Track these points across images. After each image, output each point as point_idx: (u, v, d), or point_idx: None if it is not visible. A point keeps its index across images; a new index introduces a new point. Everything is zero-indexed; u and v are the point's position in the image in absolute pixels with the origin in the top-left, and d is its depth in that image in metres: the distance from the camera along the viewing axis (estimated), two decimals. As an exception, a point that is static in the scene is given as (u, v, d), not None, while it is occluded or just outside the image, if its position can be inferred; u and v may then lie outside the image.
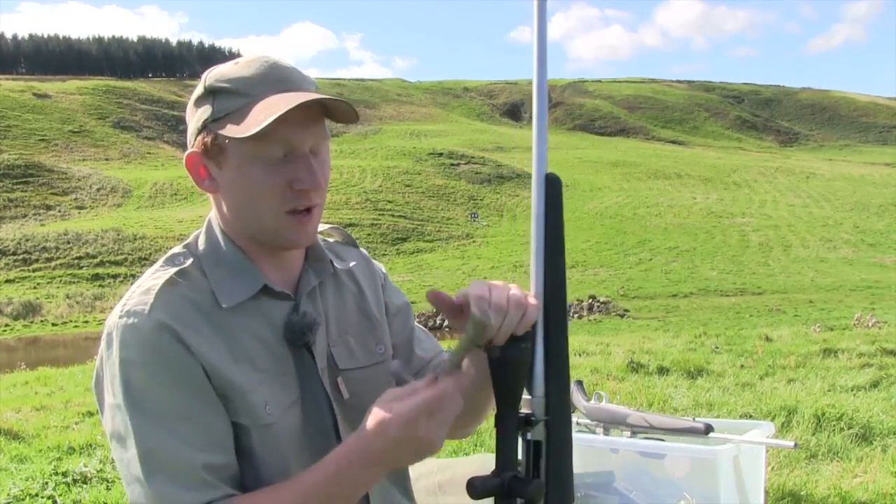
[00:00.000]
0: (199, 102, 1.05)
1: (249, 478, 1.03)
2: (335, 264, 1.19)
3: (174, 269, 1.05)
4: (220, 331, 1.04)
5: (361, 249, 1.30)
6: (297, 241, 1.09)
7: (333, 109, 1.05)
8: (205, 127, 1.04)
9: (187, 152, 1.08)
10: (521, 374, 0.90)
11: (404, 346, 1.26)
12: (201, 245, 1.10)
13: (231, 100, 1.02)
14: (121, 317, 1.01)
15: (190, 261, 1.08)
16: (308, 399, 1.09)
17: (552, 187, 0.94)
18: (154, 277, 1.05)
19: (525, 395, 0.91)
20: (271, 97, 1.00)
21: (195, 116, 1.06)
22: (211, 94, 1.04)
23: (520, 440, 0.91)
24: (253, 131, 0.97)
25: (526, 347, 0.91)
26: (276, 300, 1.10)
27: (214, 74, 1.05)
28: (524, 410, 0.91)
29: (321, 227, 1.24)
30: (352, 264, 1.23)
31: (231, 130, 1.01)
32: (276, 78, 1.03)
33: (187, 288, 1.05)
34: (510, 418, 0.89)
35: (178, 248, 1.11)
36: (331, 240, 1.27)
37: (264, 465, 1.04)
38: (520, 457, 0.91)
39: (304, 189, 1.03)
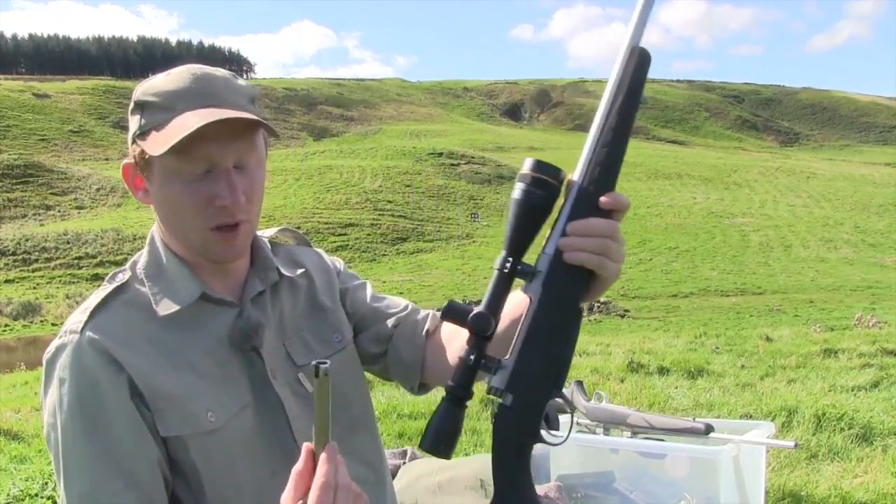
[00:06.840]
0: (132, 114, 1.06)
1: (191, 494, 1.04)
2: (283, 272, 1.19)
3: (112, 287, 1.08)
4: (159, 342, 1.05)
5: (316, 248, 1.32)
6: (223, 257, 1.09)
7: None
8: (134, 140, 1.05)
9: (124, 162, 1.09)
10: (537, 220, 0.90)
11: (373, 307, 1.28)
12: (143, 259, 1.12)
13: (155, 114, 1.02)
14: (59, 336, 1.04)
15: (128, 275, 1.10)
16: (261, 403, 1.10)
17: (642, 62, 0.88)
18: (94, 296, 1.08)
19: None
20: (189, 113, 1.00)
21: (130, 127, 1.07)
22: (139, 107, 1.04)
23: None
24: (164, 149, 0.98)
25: (542, 195, 0.91)
26: (219, 307, 1.11)
27: (144, 87, 1.06)
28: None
29: (271, 230, 1.26)
30: (300, 272, 1.23)
31: (150, 146, 1.01)
32: (199, 92, 1.02)
33: (124, 303, 1.07)
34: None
35: (122, 267, 1.13)
36: (283, 243, 1.27)
37: (209, 477, 1.04)
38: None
39: (226, 205, 1.03)
